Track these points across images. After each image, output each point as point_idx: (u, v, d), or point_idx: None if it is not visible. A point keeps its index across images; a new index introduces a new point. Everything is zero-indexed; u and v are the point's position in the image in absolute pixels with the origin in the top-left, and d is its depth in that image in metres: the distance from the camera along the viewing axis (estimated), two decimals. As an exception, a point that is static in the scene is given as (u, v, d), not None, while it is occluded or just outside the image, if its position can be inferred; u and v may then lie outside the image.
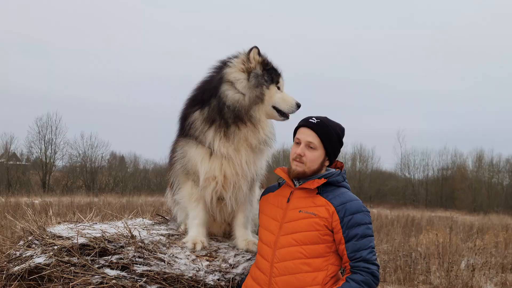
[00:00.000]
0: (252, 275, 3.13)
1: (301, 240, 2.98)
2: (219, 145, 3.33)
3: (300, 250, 2.96)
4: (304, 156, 3.09)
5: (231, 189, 3.47)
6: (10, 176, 35.86)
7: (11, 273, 3.24)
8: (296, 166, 3.11)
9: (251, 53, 3.35)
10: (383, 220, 18.47)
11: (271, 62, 3.44)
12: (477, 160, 45.02)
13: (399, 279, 8.70)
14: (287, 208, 3.11)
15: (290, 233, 3.01)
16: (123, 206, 15.40)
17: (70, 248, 3.22)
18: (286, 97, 3.43)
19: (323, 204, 3.03)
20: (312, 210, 3.02)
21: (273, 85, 3.38)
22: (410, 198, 43.86)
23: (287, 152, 40.57)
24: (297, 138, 3.16)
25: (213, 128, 3.34)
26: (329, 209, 2.99)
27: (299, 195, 3.12)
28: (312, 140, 3.09)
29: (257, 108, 3.32)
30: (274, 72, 3.42)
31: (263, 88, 3.33)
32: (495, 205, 37.21)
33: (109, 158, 44.42)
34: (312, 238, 2.97)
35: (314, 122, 3.13)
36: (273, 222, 3.12)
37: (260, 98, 3.32)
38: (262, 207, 3.32)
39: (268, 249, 3.06)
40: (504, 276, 9.64)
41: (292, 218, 3.05)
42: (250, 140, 3.36)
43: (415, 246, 11.98)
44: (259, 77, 3.34)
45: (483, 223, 20.13)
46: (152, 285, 3.01)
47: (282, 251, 2.99)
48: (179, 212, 3.90)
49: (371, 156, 47.91)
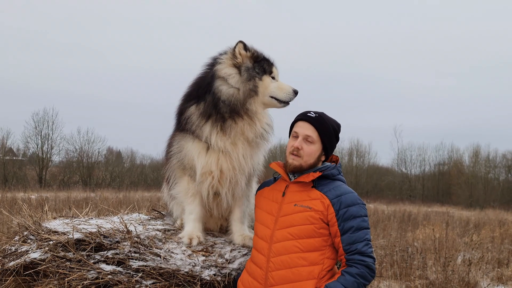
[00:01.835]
0: (248, 270, 3.12)
1: (297, 234, 2.97)
2: (216, 139, 3.33)
3: (296, 244, 2.96)
4: (302, 149, 3.08)
5: (228, 184, 3.46)
6: (7, 171, 35.81)
7: (6, 268, 3.23)
8: (293, 160, 3.09)
9: (236, 49, 3.36)
10: (379, 215, 18.49)
11: (261, 53, 3.45)
12: (474, 155, 45.19)
13: (396, 274, 8.72)
14: (282, 202, 3.10)
15: (285, 227, 3.00)
16: (120, 201, 15.35)
17: (65, 243, 3.20)
18: (282, 85, 3.45)
19: (318, 197, 3.02)
20: (307, 203, 3.01)
21: (266, 75, 3.40)
22: (407, 193, 43.97)
23: (284, 148, 40.53)
24: (295, 132, 3.14)
25: (210, 123, 3.33)
26: (324, 202, 2.99)
27: (295, 189, 3.10)
28: (311, 134, 3.08)
29: (252, 101, 3.33)
30: (266, 63, 3.43)
31: (256, 80, 3.34)
32: (492, 200, 37.37)
33: (105, 153, 44.46)
34: (308, 231, 2.97)
35: (313, 116, 3.12)
36: (269, 217, 3.11)
37: (254, 91, 3.33)
38: (258, 202, 3.32)
39: (264, 243, 3.05)
40: (500, 271, 9.68)
41: (287, 212, 3.04)
42: (247, 134, 3.36)
43: (412, 241, 12.02)
44: (250, 70, 3.35)
45: (479, 218, 20.20)
46: (148, 280, 3.01)
47: (278, 245, 2.98)
48: (175, 207, 3.89)
49: (368, 151, 48.06)
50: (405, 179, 46.57)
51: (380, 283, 7.93)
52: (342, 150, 47.73)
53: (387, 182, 45.23)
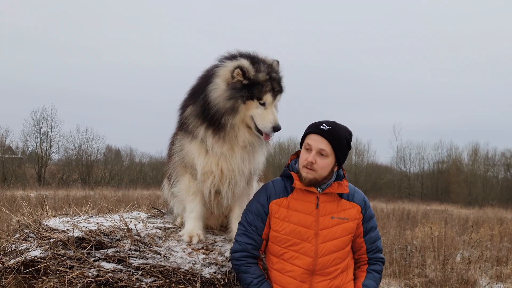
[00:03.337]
0: (281, 282, 3.10)
1: (340, 245, 3.10)
2: (212, 143, 3.33)
3: (339, 255, 3.10)
4: (315, 163, 3.06)
5: (227, 184, 3.47)
6: (6, 170, 35.78)
7: (7, 266, 3.24)
8: (307, 174, 3.08)
9: (234, 72, 3.24)
10: (378, 214, 18.51)
11: (257, 76, 3.26)
12: (473, 153, 45.14)
13: (395, 272, 8.74)
14: (318, 214, 3.11)
15: (328, 240, 3.08)
16: (119, 200, 15.36)
17: (66, 241, 3.21)
18: (266, 116, 3.25)
19: (350, 206, 3.18)
20: (342, 215, 3.13)
21: (252, 101, 3.24)
22: (406, 191, 43.94)
23: (283, 146, 40.58)
24: (308, 144, 3.10)
25: (204, 126, 3.32)
26: (357, 209, 3.19)
27: (325, 200, 3.14)
28: (324, 148, 3.06)
29: (231, 118, 3.26)
30: (259, 89, 3.24)
31: (238, 102, 3.23)
32: (490, 199, 37.31)
33: (104, 152, 44.39)
34: (347, 241, 3.15)
35: (325, 129, 3.08)
36: (305, 230, 3.08)
37: (232, 110, 3.24)
38: (282, 213, 3.15)
39: (306, 258, 3.06)
40: (499, 269, 9.70)
41: (326, 225, 3.09)
42: (238, 141, 3.34)
43: (411, 240, 12.03)
44: (235, 91, 3.24)
45: (478, 217, 20.20)
46: (148, 278, 3.01)
47: (325, 258, 3.06)
48: (176, 205, 3.89)
49: (367, 150, 48.03)
50: (404, 178, 46.54)
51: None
52: (341, 149, 47.65)
53: (386, 180, 45.21)
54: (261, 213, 3.17)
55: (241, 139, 3.34)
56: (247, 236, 3.15)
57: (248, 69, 3.23)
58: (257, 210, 3.19)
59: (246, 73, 3.22)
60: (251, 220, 3.18)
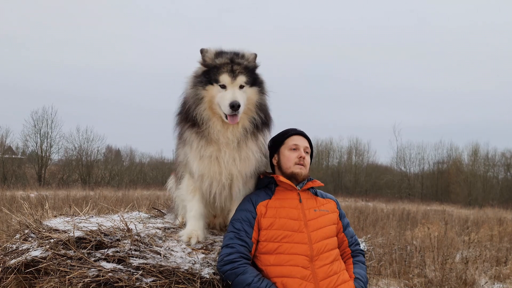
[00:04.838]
0: (291, 274, 3.11)
1: (328, 233, 3.33)
2: (197, 146, 3.31)
3: (330, 242, 3.30)
4: (305, 159, 3.45)
5: (221, 187, 3.45)
6: (6, 170, 35.79)
7: (7, 266, 3.24)
8: (301, 169, 3.42)
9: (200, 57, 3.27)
10: (378, 214, 18.53)
11: (214, 61, 3.26)
12: (473, 153, 45.14)
13: (394, 272, 8.75)
14: (302, 207, 3.34)
15: (317, 228, 3.27)
16: (119, 200, 15.36)
17: (66, 241, 3.22)
18: (225, 96, 3.18)
19: (326, 202, 3.49)
20: (323, 208, 3.41)
21: (212, 85, 3.22)
22: (406, 191, 43.98)
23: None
24: (295, 144, 3.46)
25: (189, 127, 3.32)
26: (334, 204, 3.53)
27: (305, 196, 3.42)
28: (308, 146, 3.53)
29: (201, 109, 3.24)
30: (215, 71, 3.22)
31: (199, 89, 3.23)
32: (490, 199, 37.39)
33: (105, 152, 44.43)
34: (334, 231, 3.40)
35: (302, 131, 3.56)
36: (294, 222, 3.26)
37: (197, 99, 3.23)
38: (272, 212, 3.29)
39: (303, 245, 3.18)
40: (498, 269, 9.70)
41: (311, 216, 3.31)
42: (221, 140, 3.30)
43: (410, 240, 12.02)
44: (197, 78, 3.26)
45: (478, 217, 20.20)
46: (148, 278, 3.02)
47: (319, 244, 3.21)
48: (181, 204, 3.87)
49: (367, 150, 48.17)
50: (404, 178, 46.56)
51: (379, 281, 7.96)
52: (341, 149, 47.84)
53: (386, 180, 45.23)
54: (249, 217, 3.28)
55: (216, 133, 3.26)
56: (239, 239, 3.19)
57: (206, 55, 3.27)
58: (244, 216, 3.29)
59: (205, 59, 3.27)
60: (239, 227, 3.25)
